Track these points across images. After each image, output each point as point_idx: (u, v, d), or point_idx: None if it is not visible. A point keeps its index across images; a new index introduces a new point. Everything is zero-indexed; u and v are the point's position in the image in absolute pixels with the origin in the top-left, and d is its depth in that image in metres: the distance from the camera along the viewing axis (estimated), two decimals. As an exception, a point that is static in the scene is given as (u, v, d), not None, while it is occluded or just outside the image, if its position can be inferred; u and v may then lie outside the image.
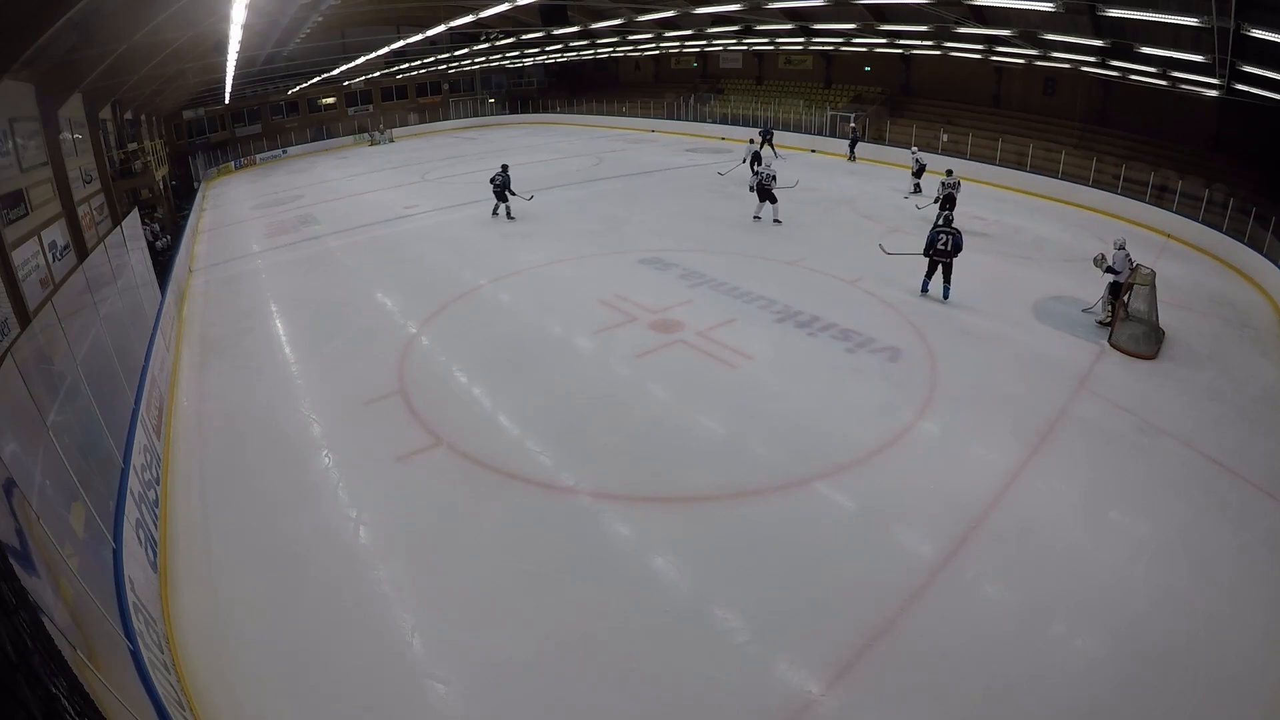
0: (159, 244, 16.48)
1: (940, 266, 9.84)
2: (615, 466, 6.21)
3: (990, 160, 19.44)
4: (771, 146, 23.43)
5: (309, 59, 30.45)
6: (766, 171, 14.40)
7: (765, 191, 14.23)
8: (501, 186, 15.40)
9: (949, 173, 14.58)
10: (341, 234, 15.45)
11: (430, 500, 5.87)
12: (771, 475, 6.03)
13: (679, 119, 31.61)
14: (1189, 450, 6.36)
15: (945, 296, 9.82)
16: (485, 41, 25.95)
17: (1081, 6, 10.47)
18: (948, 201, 13.80)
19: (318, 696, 4.07)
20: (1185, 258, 12.90)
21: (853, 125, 23.89)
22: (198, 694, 4.05)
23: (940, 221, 10.08)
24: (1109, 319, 8.73)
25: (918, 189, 17.18)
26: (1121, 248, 9.01)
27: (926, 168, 17.47)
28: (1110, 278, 9.04)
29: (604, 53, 31.72)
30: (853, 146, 22.81)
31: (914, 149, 18.97)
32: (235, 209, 20.61)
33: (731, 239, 13.47)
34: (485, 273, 11.76)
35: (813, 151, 24.54)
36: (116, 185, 16.46)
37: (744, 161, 19.04)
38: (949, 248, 9.68)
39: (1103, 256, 9.18)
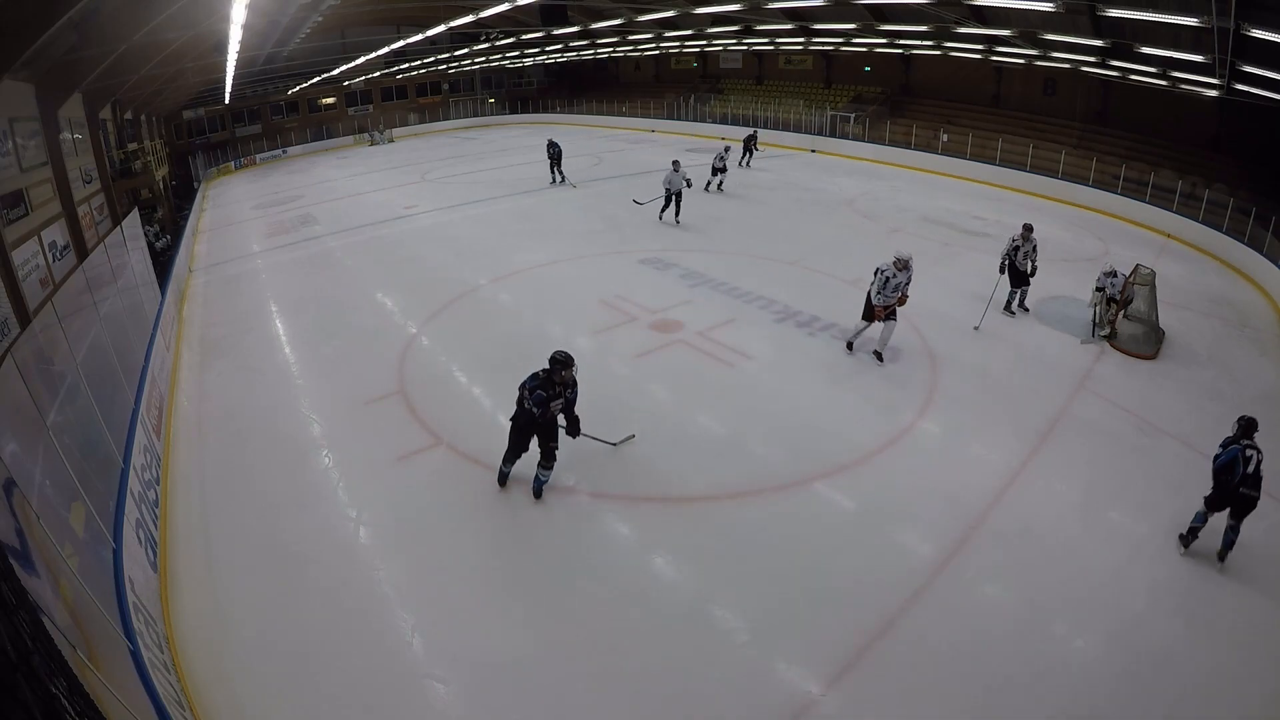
0: (159, 244, 16.49)
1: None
2: (615, 466, 6.21)
3: (990, 160, 19.45)
4: (752, 151, 21.57)
5: (309, 59, 30.46)
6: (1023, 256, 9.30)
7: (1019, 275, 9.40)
8: None
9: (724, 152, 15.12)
10: (341, 234, 15.45)
11: (430, 500, 5.86)
12: (771, 475, 6.03)
13: (679, 119, 31.60)
14: (1189, 450, 6.35)
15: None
16: (485, 41, 25.95)
17: (1081, 6, 10.48)
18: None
19: (318, 696, 4.06)
20: (1185, 258, 12.89)
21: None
22: (198, 693, 4.05)
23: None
24: (1110, 332, 8.72)
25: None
26: (1114, 275, 8.94)
27: None
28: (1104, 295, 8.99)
29: (604, 53, 31.72)
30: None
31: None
32: (235, 209, 20.60)
33: (731, 239, 13.46)
34: (485, 273, 11.75)
35: (813, 151, 24.56)
36: (116, 185, 16.47)
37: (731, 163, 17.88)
38: None
39: (1101, 292, 9.01)
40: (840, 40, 21.53)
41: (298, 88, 33.69)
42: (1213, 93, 13.69)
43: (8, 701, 1.57)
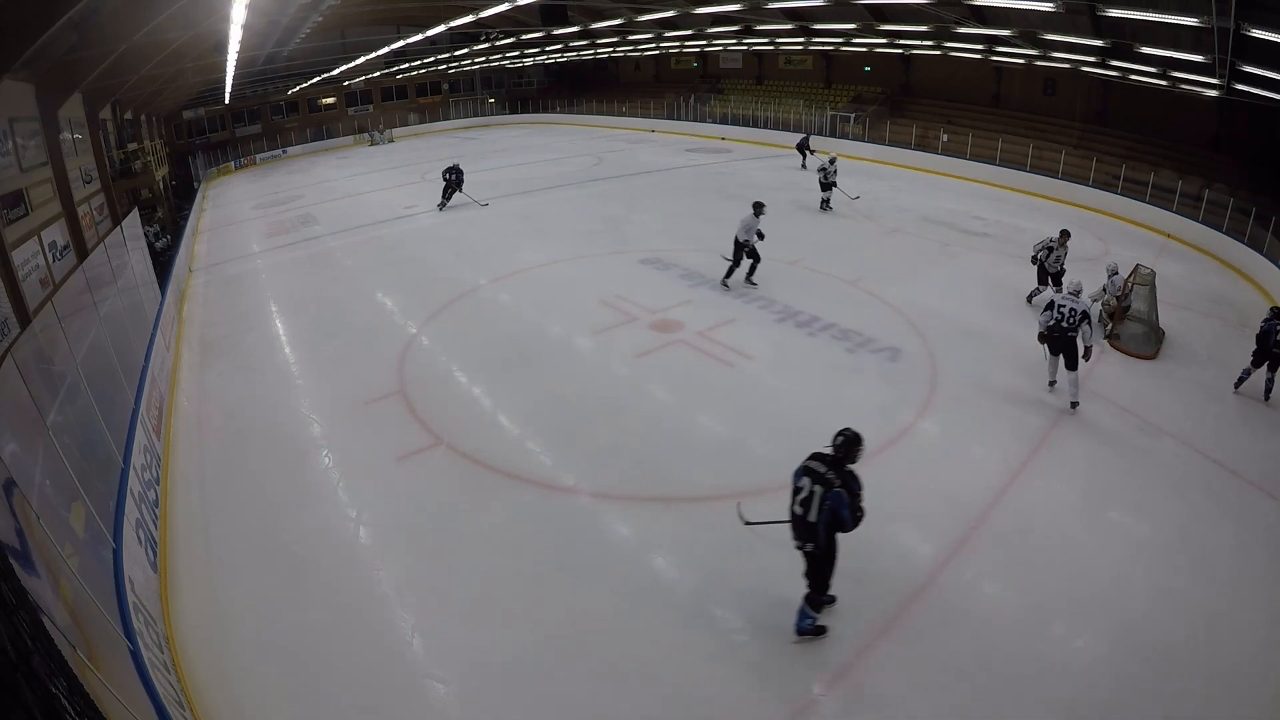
0: (159, 244, 16.49)
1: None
2: (615, 466, 6.21)
3: (990, 160, 19.44)
4: (806, 154, 21.40)
5: (309, 59, 30.47)
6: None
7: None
8: None
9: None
10: (341, 234, 15.45)
11: (430, 500, 5.87)
12: (772, 475, 5.99)
13: (679, 119, 31.61)
14: (1189, 450, 6.36)
15: None
16: (485, 41, 25.95)
17: (1081, 6, 10.48)
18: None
19: (318, 696, 4.06)
20: (1185, 258, 12.89)
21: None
22: (198, 694, 4.05)
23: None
24: (1111, 331, 8.74)
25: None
26: (1115, 274, 9.03)
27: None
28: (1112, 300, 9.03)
29: (604, 53, 31.73)
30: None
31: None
32: (235, 209, 20.60)
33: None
34: (485, 273, 11.75)
35: (813, 152, 24.53)
36: (116, 185, 16.47)
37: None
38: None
39: (1104, 292, 9.05)
40: (840, 40, 21.53)
41: (298, 88, 33.70)
42: (1213, 93, 13.68)
43: (8, 701, 1.57)
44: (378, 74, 34.89)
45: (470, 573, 5.01)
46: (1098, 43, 12.77)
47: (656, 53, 32.39)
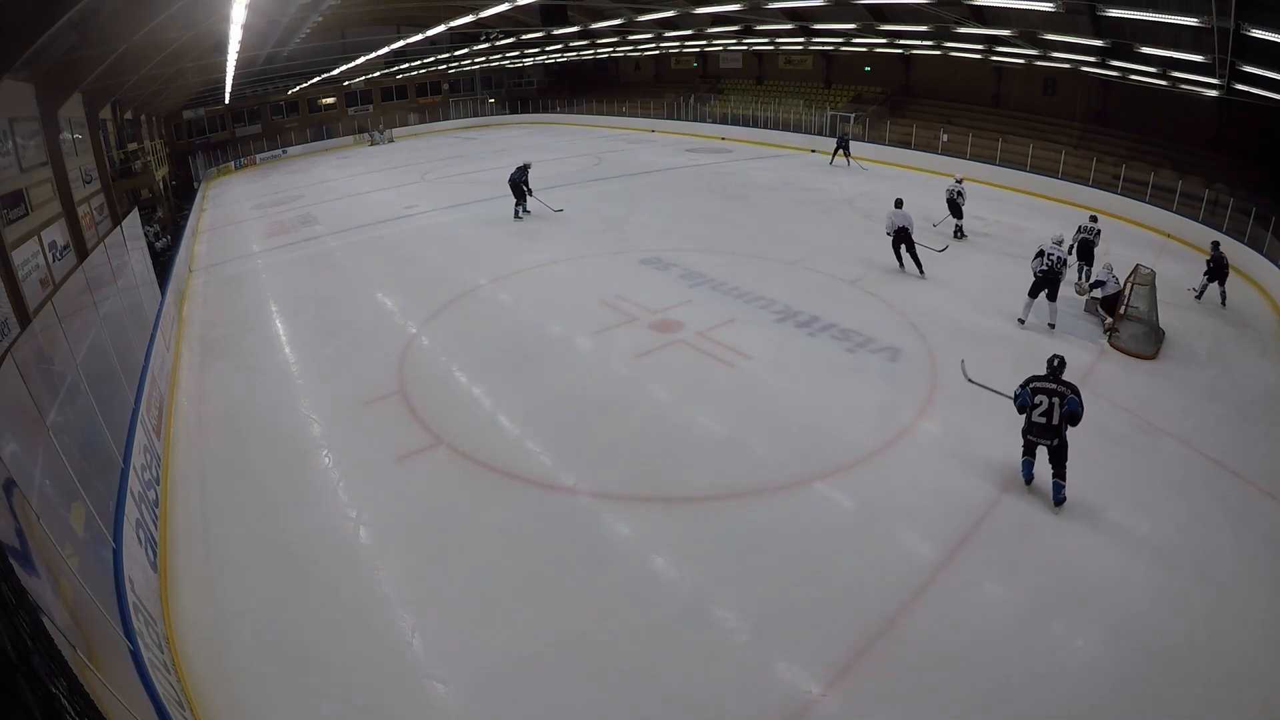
0: (159, 244, 16.48)
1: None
2: (615, 466, 6.21)
3: (990, 160, 19.44)
4: (847, 157, 21.49)
5: (309, 59, 30.47)
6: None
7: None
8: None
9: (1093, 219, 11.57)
10: (341, 234, 15.46)
11: (430, 500, 5.87)
12: (771, 475, 6.02)
13: (679, 119, 31.61)
14: (1189, 450, 6.36)
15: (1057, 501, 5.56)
16: (485, 41, 25.94)
17: (1081, 6, 10.48)
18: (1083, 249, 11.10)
19: (318, 696, 4.06)
20: (1185, 258, 12.88)
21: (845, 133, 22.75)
22: (198, 694, 4.05)
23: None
24: (1111, 328, 8.75)
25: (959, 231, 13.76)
26: (1111, 270, 9.10)
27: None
28: (1099, 293, 9.05)
29: (604, 53, 31.73)
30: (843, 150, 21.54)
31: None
32: (235, 209, 20.61)
33: (731, 239, 13.46)
34: (485, 273, 11.75)
35: (813, 151, 24.55)
36: (116, 185, 16.47)
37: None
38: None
39: (1094, 284, 9.16)
40: (840, 40, 21.53)
41: (298, 88, 33.69)
42: (1213, 93, 13.68)
43: (8, 701, 1.57)
44: (378, 74, 34.88)
45: (470, 573, 5.01)
46: (1098, 43, 12.77)
47: (656, 53, 32.38)
